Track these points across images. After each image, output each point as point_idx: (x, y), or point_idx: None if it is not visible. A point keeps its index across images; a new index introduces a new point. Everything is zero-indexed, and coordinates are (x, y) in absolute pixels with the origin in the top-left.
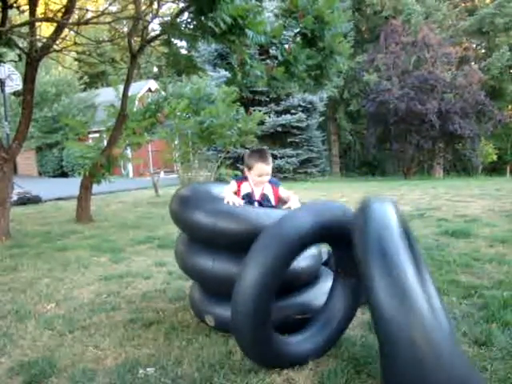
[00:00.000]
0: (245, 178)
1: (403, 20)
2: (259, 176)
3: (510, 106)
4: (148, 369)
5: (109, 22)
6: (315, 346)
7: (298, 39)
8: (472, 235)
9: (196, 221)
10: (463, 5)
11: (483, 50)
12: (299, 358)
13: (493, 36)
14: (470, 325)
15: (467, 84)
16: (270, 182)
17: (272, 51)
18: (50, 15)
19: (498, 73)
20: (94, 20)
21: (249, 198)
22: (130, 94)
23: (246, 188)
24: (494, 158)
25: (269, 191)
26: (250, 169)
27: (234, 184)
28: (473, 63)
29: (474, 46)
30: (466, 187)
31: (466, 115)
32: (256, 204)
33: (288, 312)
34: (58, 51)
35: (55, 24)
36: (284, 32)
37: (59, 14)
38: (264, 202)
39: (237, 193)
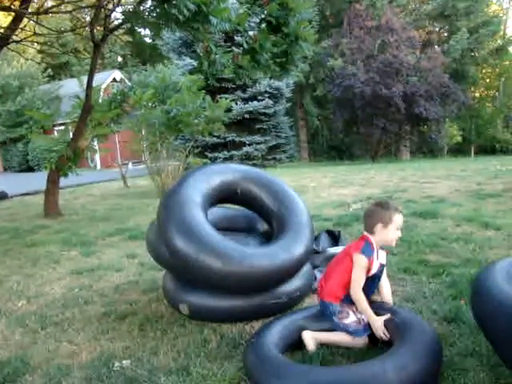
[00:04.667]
0: (368, 246)
1: (367, 4)
2: (397, 230)
3: (472, 88)
4: (124, 361)
5: (70, 11)
6: None
7: (263, 26)
8: (439, 215)
9: None
10: None
11: (446, 34)
12: None
13: (454, 20)
14: (439, 302)
15: (431, 67)
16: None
17: (237, 38)
18: (7, 4)
19: (460, 55)
20: (55, 9)
21: (380, 270)
22: (94, 84)
23: (379, 257)
24: (459, 139)
25: (383, 257)
26: (386, 225)
27: (364, 262)
28: (436, 46)
29: (437, 29)
30: (432, 169)
31: (431, 98)
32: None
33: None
34: (17, 42)
35: (13, 13)
36: (249, 19)
37: (17, 3)
38: (382, 271)
39: (369, 268)
